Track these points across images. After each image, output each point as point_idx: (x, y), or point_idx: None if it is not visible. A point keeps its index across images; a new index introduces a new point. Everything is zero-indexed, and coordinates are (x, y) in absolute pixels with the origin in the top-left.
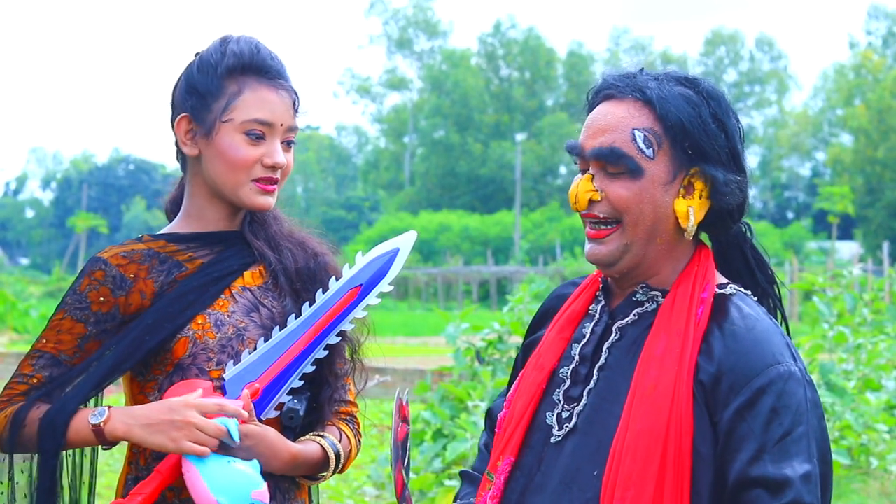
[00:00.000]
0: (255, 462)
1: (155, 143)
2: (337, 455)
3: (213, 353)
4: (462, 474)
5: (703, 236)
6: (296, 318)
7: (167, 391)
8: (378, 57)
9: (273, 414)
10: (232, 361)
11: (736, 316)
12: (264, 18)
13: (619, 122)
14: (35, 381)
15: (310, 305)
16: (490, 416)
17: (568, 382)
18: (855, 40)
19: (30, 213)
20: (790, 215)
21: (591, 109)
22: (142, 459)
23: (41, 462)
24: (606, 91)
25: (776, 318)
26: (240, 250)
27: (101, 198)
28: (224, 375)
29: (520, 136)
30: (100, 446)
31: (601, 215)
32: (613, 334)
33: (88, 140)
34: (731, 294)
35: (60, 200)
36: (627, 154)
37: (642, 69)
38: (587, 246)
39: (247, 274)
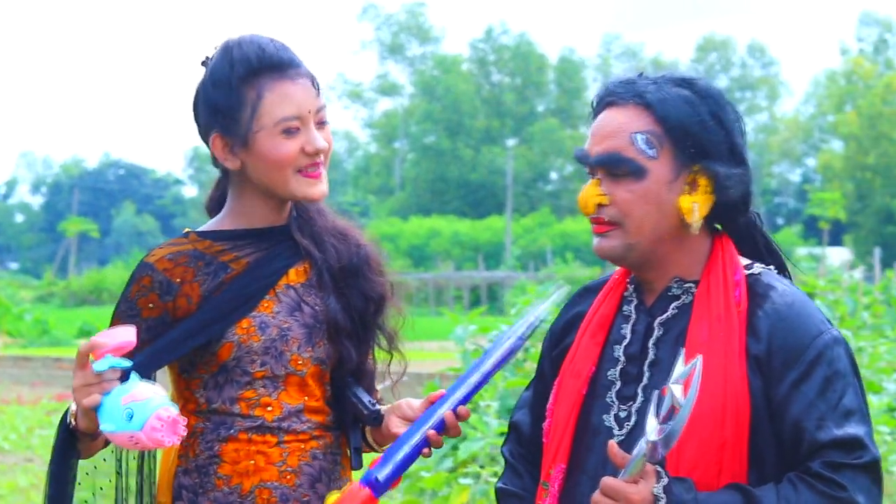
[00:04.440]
0: (132, 377)
1: (145, 147)
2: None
3: (257, 356)
4: (499, 493)
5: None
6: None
7: None
8: (370, 62)
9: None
10: None
11: (773, 293)
12: (255, 22)
13: (619, 128)
14: None
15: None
16: (515, 427)
17: (619, 383)
18: (846, 47)
19: (20, 218)
20: (780, 221)
21: (595, 116)
22: (191, 452)
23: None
24: (608, 98)
25: None
26: (286, 248)
27: (91, 202)
28: None
29: (511, 142)
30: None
31: (605, 218)
32: (657, 330)
33: (78, 144)
34: (759, 273)
35: (50, 205)
36: (628, 157)
37: (641, 73)
38: (594, 241)
39: (291, 272)
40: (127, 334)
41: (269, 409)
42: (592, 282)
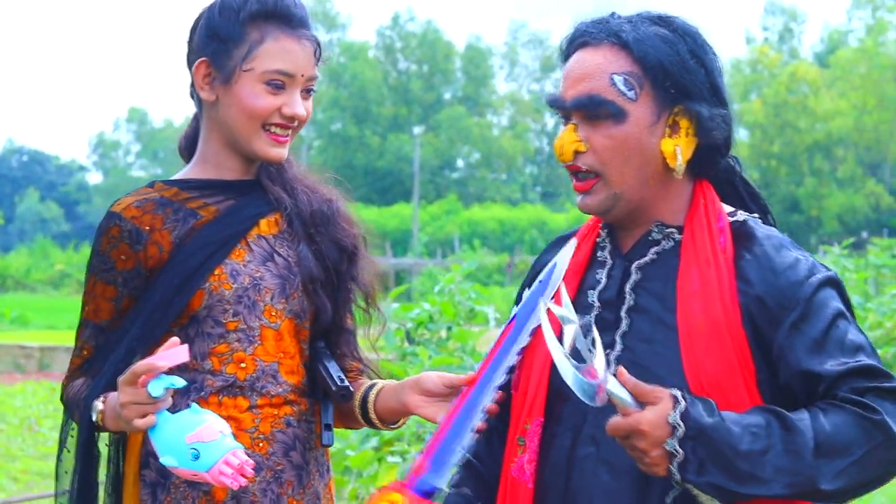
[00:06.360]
0: (193, 406)
1: (49, 134)
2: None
3: (230, 305)
4: None
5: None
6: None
7: None
8: None
9: None
10: None
11: (760, 238)
12: (163, 12)
13: (596, 69)
14: (86, 352)
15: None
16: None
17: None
18: (751, 35)
19: None
20: None
21: (566, 59)
22: None
23: (79, 441)
24: (581, 39)
25: None
26: (256, 198)
27: None
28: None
29: (418, 129)
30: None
31: (584, 167)
32: (634, 275)
33: None
34: (744, 220)
35: None
36: (608, 99)
37: (613, 13)
38: (577, 198)
39: (262, 222)
40: (181, 354)
41: (243, 365)
42: (567, 232)
